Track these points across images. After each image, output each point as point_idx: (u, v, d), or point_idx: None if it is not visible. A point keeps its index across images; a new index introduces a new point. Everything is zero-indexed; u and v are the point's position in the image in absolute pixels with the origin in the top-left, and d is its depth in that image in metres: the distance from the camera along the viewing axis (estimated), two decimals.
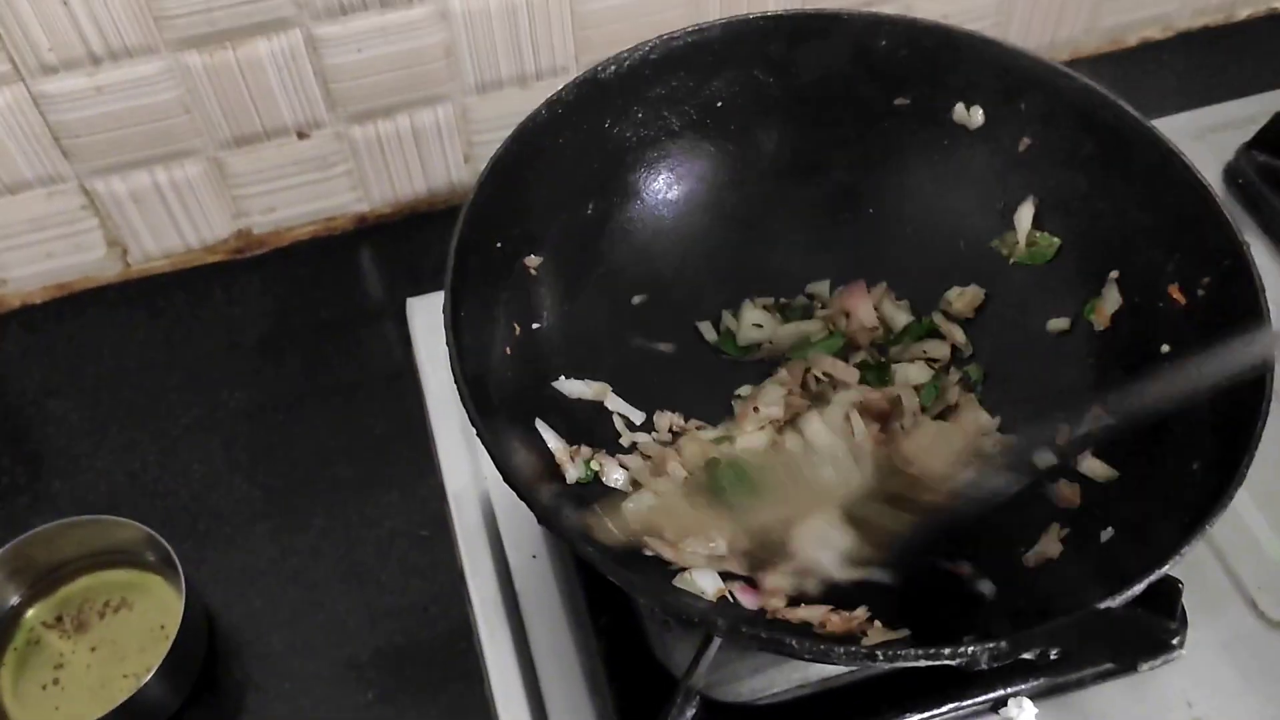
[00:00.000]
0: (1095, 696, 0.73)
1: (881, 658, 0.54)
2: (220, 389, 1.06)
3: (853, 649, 0.58)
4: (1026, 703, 0.72)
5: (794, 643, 0.54)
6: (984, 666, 0.54)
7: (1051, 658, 0.54)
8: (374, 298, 1.14)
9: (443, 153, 1.11)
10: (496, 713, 0.74)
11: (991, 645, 0.54)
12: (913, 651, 0.54)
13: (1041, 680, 0.72)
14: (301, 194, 1.10)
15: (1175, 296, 0.72)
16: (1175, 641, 0.71)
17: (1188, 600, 0.64)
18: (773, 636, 0.55)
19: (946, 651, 0.54)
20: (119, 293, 1.11)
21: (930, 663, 0.55)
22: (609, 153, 0.79)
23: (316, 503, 0.99)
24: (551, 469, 0.71)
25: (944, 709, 0.72)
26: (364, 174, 1.10)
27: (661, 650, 0.73)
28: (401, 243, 1.15)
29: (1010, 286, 0.82)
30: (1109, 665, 0.73)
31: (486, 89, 1.06)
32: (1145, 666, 0.73)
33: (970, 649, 0.54)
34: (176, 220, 1.08)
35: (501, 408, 0.67)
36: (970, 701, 0.72)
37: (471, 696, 0.84)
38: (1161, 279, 0.74)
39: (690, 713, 0.70)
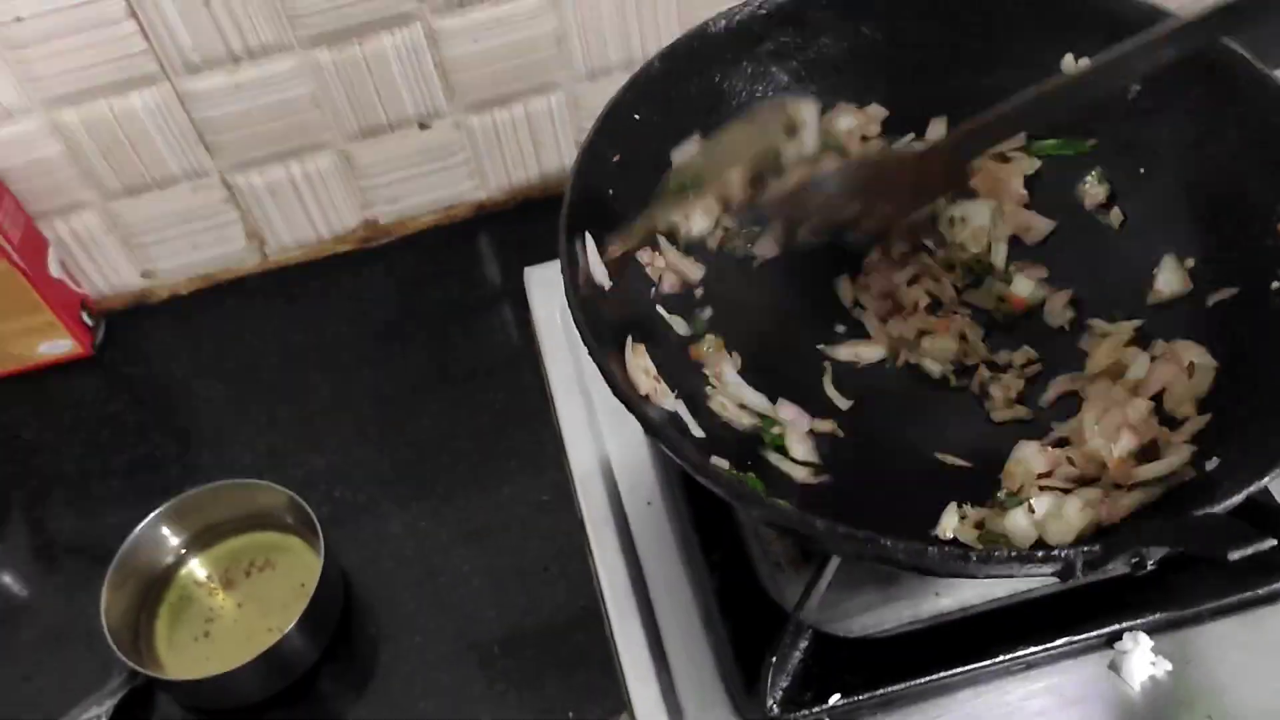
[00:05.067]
0: (1211, 632, 0.72)
1: (975, 558, 0.55)
2: (352, 370, 1.12)
3: (947, 548, 0.58)
4: (1142, 636, 0.71)
5: (888, 544, 0.55)
6: (1079, 575, 0.55)
7: (1149, 567, 0.55)
8: (492, 282, 1.19)
9: (555, 140, 1.15)
10: (617, 651, 0.77)
11: (1086, 549, 0.55)
12: (1006, 552, 0.55)
13: (1157, 615, 0.72)
14: (423, 184, 1.15)
15: None
16: None
17: None
18: (869, 538, 0.56)
19: (1040, 554, 0.55)
20: (258, 282, 1.18)
21: (1024, 565, 0.55)
22: (716, 105, 0.82)
23: (441, 473, 1.04)
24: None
25: (1057, 642, 0.72)
26: (481, 162, 1.15)
27: (773, 586, 0.75)
28: (517, 229, 1.19)
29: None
30: (1227, 600, 0.72)
31: (596, 76, 1.10)
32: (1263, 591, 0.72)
33: (1065, 551, 0.55)
34: (309, 212, 1.14)
35: (607, 331, 0.70)
36: (1083, 636, 0.72)
37: (591, 647, 0.87)
38: (1272, 218, 0.74)
39: (802, 644, 0.72)
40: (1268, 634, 0.71)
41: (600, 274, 0.73)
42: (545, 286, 0.95)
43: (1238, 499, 0.56)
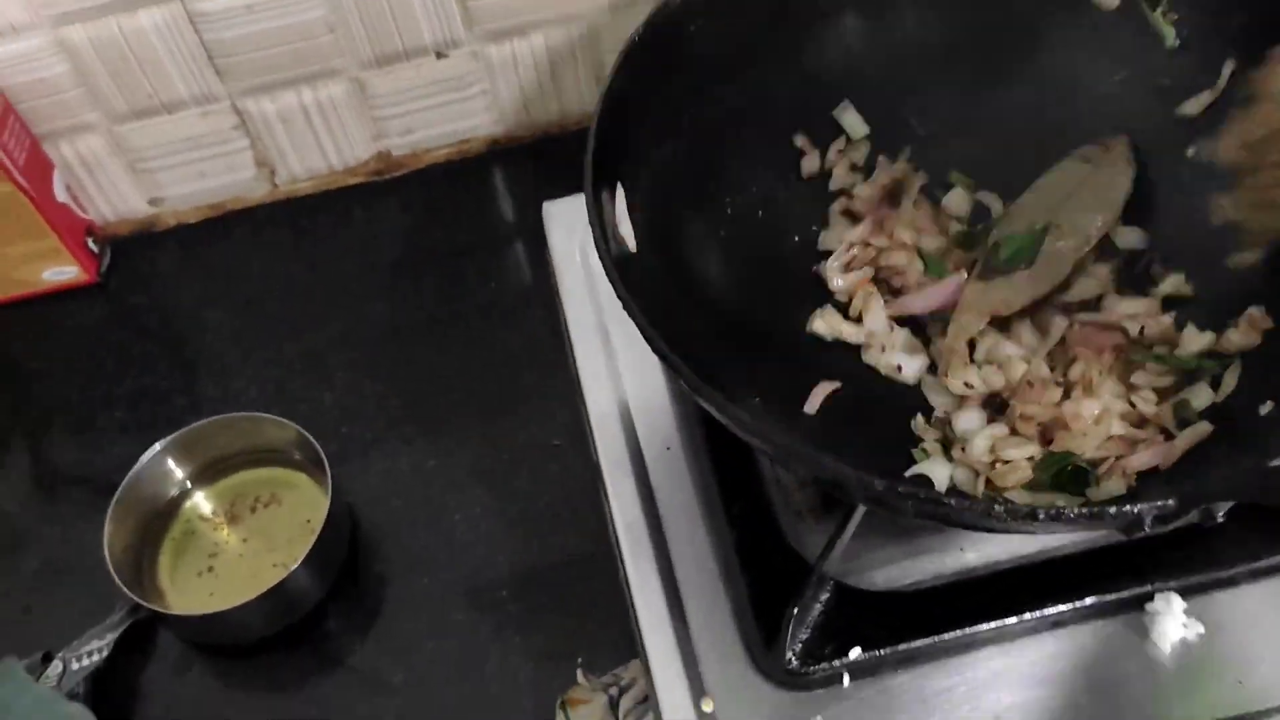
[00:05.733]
0: (1246, 596, 0.70)
1: (1043, 516, 0.53)
2: (362, 305, 1.09)
3: (1011, 506, 0.56)
4: (1174, 598, 0.69)
5: (940, 499, 0.53)
6: (1147, 530, 0.52)
7: (1218, 519, 0.52)
8: (507, 219, 1.16)
9: (575, 74, 1.12)
10: (632, 599, 0.75)
11: (1159, 503, 0.52)
12: (1074, 510, 0.52)
13: (1192, 576, 0.70)
14: (438, 115, 1.12)
15: None
16: None
17: None
18: (911, 492, 0.53)
19: (1111, 511, 0.52)
20: (267, 212, 1.15)
21: (1092, 523, 0.53)
22: (744, 41, 0.79)
23: (453, 413, 1.02)
24: None
25: (1086, 602, 0.70)
26: (498, 95, 1.12)
27: (794, 537, 0.73)
28: (534, 165, 1.16)
29: None
30: (1265, 562, 0.70)
31: (619, 8, 1.07)
32: None
33: (1136, 508, 0.52)
34: (320, 141, 1.11)
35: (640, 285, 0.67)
36: (1114, 595, 0.70)
37: (602, 594, 0.85)
38: None
39: (823, 597, 0.70)
40: None
41: (628, 233, 0.69)
42: (565, 222, 0.92)
43: None
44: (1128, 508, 0.52)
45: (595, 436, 0.81)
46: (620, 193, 0.70)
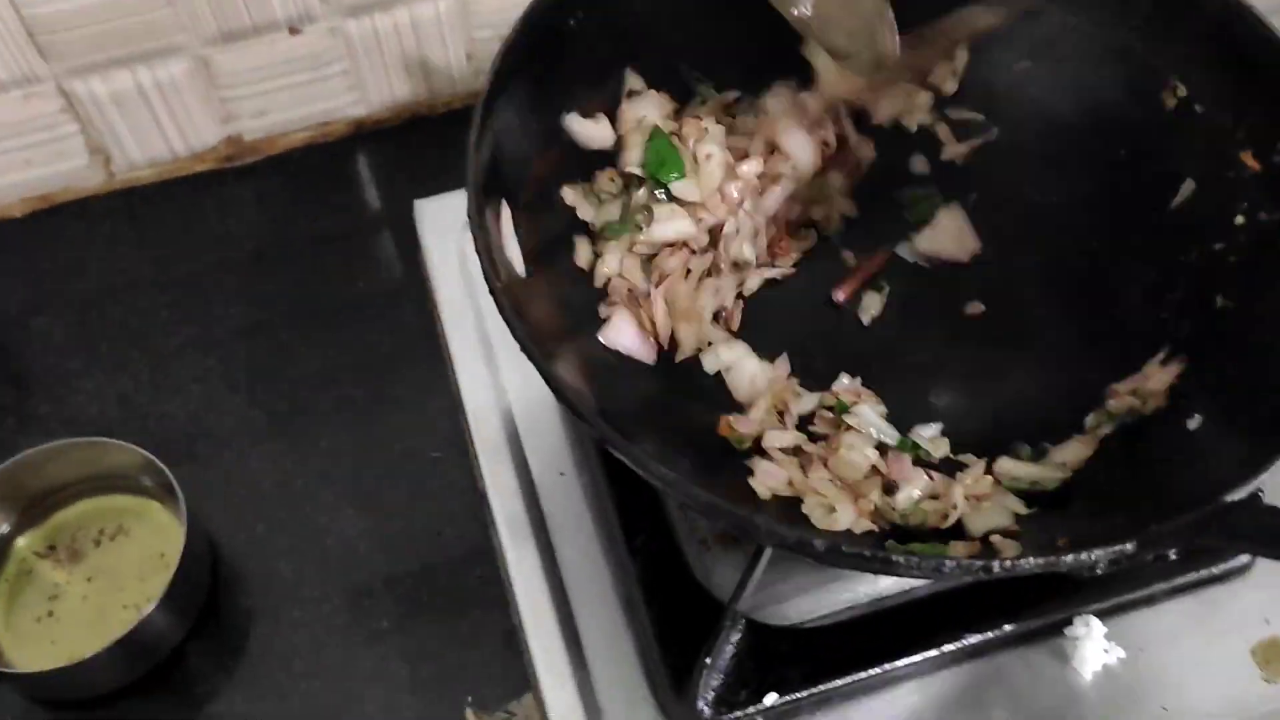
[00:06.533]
0: (1165, 614, 0.69)
1: (998, 569, 0.49)
2: (215, 305, 1.00)
3: (965, 561, 0.52)
4: (1094, 621, 0.67)
5: (882, 556, 0.49)
6: (1101, 571, 0.49)
7: (1171, 558, 0.50)
8: (374, 207, 1.08)
9: (444, 50, 1.04)
10: (526, 639, 0.69)
11: (1117, 548, 0.49)
12: (1030, 561, 0.49)
13: (1110, 599, 0.68)
14: (295, 96, 1.03)
15: (1249, 163, 0.67)
16: None
17: None
18: (855, 551, 0.49)
19: (1069, 559, 0.50)
20: (103, 204, 1.05)
21: (1047, 570, 0.50)
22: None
23: (321, 423, 0.94)
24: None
25: (1003, 630, 0.67)
26: (360, 74, 1.03)
27: (701, 571, 0.69)
28: (401, 148, 1.08)
29: None
30: (1181, 579, 0.68)
31: None
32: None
33: (1093, 554, 0.49)
34: (162, 125, 1.01)
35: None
36: (1033, 621, 0.67)
37: (491, 622, 0.80)
38: (1231, 146, 0.68)
39: (735, 638, 0.65)
40: (1223, 616, 0.68)
41: (516, 257, 0.63)
42: (439, 222, 0.84)
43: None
44: (1085, 554, 0.49)
45: (480, 461, 0.75)
46: (505, 211, 0.63)
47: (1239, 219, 0.67)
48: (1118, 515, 0.58)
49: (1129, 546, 0.49)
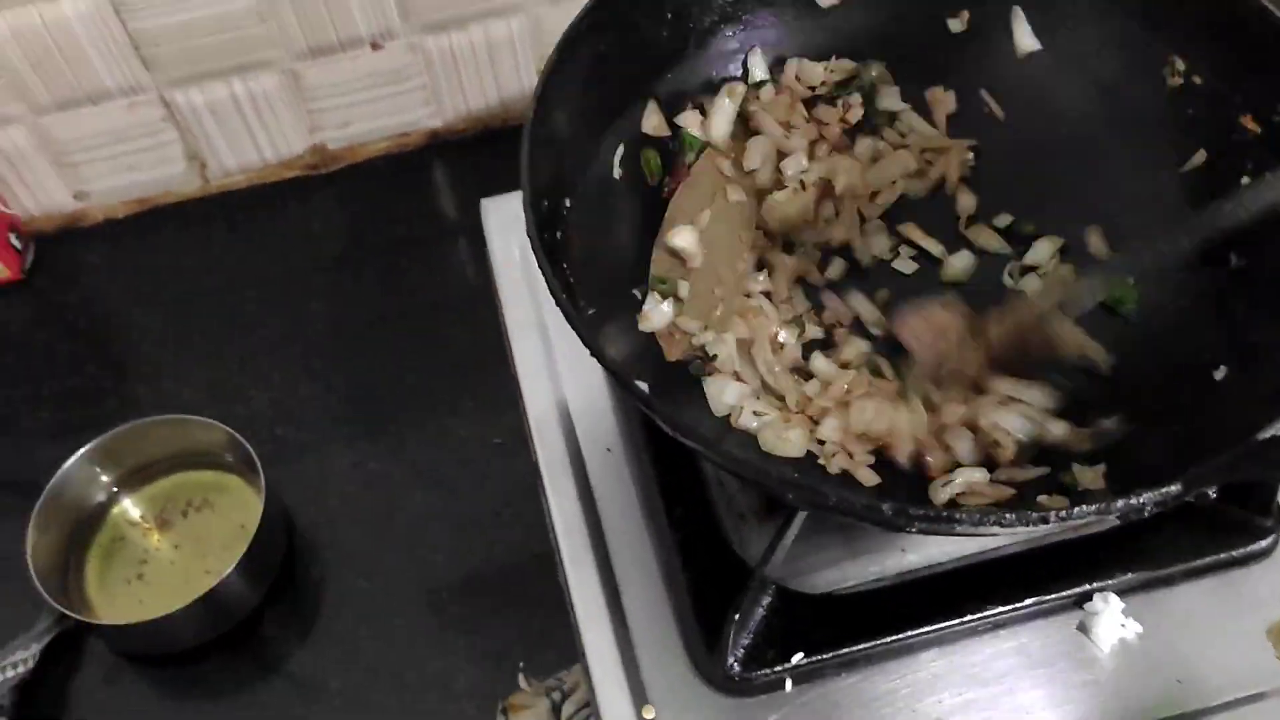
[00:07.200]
0: (1183, 594, 0.70)
1: (1054, 520, 0.51)
2: (298, 303, 1.07)
3: (1018, 513, 0.53)
4: (1113, 597, 0.69)
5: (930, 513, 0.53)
6: (1149, 514, 0.52)
7: (1211, 497, 0.52)
8: (448, 214, 1.14)
9: (515, 65, 1.10)
10: (572, 602, 0.73)
11: (1163, 490, 0.51)
12: (1083, 509, 0.51)
13: (1129, 575, 0.70)
14: (376, 109, 1.10)
15: (1249, 126, 0.69)
16: None
17: None
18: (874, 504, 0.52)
19: (1119, 504, 0.51)
20: (198, 207, 1.13)
21: (1100, 517, 0.52)
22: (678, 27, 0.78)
23: (392, 411, 1.00)
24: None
25: (1026, 602, 0.70)
26: (437, 87, 1.10)
27: (737, 540, 0.72)
28: (474, 158, 1.15)
29: None
30: (1201, 561, 0.70)
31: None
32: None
33: (1141, 497, 0.51)
34: (254, 134, 1.08)
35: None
36: (1053, 596, 0.70)
37: (545, 592, 0.84)
38: (1231, 111, 0.71)
39: (765, 601, 0.69)
40: (1241, 598, 0.69)
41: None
42: (503, 220, 0.90)
43: None
44: (1134, 500, 0.51)
45: (534, 438, 0.80)
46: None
47: (1244, 179, 0.70)
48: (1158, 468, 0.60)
49: (1175, 487, 0.51)
